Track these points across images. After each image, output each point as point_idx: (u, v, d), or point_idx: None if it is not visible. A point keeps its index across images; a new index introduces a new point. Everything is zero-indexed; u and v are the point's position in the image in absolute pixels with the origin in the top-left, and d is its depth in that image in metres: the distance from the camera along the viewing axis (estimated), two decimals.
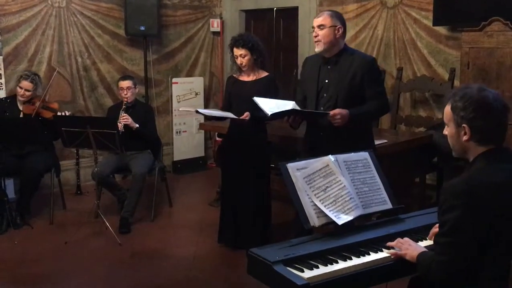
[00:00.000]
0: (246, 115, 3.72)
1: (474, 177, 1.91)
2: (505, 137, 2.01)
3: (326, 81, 3.28)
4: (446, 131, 2.07)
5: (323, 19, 3.22)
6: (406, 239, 2.17)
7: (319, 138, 3.32)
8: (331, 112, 3.13)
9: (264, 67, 3.99)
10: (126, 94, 4.84)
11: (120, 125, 4.62)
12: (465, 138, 1.97)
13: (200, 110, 3.86)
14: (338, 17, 3.27)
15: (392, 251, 2.14)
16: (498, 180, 1.89)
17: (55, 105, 4.94)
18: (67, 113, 4.79)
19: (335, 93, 3.24)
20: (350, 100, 3.22)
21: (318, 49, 3.24)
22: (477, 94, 1.95)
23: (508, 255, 1.91)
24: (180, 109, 4.57)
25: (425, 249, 2.07)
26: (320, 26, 3.21)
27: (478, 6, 4.47)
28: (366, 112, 3.24)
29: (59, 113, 4.73)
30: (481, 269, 1.89)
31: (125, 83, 4.88)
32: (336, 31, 3.21)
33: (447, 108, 2.02)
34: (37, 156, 4.69)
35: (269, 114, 3.17)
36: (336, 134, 3.19)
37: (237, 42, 3.88)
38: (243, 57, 3.87)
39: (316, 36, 3.22)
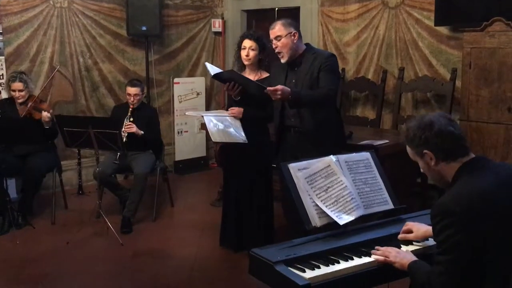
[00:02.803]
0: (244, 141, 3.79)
1: (460, 192, 1.89)
2: (468, 147, 2.00)
3: (293, 81, 3.48)
4: (421, 169, 2.09)
5: (277, 29, 3.44)
6: (392, 247, 2.15)
7: (287, 132, 3.58)
8: (272, 88, 3.24)
9: (268, 70, 3.98)
10: (133, 100, 4.83)
11: (124, 134, 4.60)
12: (433, 163, 1.99)
13: (205, 117, 3.85)
14: (289, 23, 3.48)
15: (380, 257, 2.10)
16: (484, 189, 1.87)
17: (44, 106, 4.77)
18: (49, 114, 4.54)
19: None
20: None
21: (283, 60, 3.47)
22: (418, 121, 2.02)
23: (508, 266, 1.87)
24: (186, 113, 4.62)
25: (414, 257, 2.06)
26: (277, 38, 3.43)
27: (480, 6, 4.47)
28: (308, 95, 3.35)
29: (44, 113, 4.52)
30: (482, 283, 1.86)
31: (133, 90, 4.83)
32: (293, 37, 3.43)
33: (408, 149, 2.08)
34: (39, 156, 4.69)
35: (212, 75, 3.53)
36: (301, 130, 3.46)
37: (250, 34, 3.92)
38: (251, 50, 3.85)
39: (276, 47, 3.45)
